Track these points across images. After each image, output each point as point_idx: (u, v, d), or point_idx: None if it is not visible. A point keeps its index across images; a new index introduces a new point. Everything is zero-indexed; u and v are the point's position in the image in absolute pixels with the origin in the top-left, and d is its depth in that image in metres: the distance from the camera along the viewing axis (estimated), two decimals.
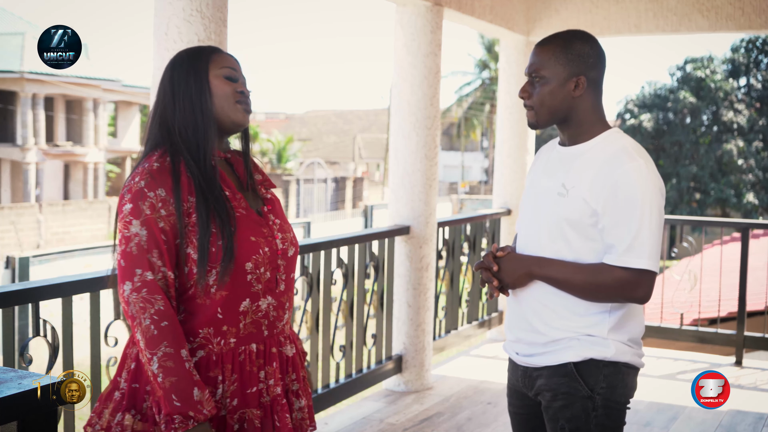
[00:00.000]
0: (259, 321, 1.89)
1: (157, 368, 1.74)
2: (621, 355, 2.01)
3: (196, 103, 1.90)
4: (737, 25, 5.34)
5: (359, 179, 31.35)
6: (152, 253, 1.79)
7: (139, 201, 1.81)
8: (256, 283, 1.88)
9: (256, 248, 1.88)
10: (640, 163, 1.94)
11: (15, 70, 25.94)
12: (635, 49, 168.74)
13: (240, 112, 1.94)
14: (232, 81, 1.94)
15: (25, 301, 2.59)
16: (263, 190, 2.02)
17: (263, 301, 1.90)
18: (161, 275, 1.80)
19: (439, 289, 5.17)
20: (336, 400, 4.17)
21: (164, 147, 1.90)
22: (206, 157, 1.88)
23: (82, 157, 28.77)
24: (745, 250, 5.36)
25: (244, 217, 1.90)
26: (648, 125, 24.56)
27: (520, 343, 2.10)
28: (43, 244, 21.10)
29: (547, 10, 5.80)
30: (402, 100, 4.58)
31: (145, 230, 1.80)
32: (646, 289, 1.95)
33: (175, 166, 1.85)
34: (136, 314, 1.77)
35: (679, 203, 24.49)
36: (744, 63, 25.37)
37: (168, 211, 1.82)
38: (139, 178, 1.83)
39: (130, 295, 1.78)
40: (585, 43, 2.02)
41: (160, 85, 1.96)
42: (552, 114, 2.03)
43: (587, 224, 1.96)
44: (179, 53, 1.99)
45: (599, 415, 2.01)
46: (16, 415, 1.26)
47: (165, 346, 1.75)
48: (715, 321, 6.28)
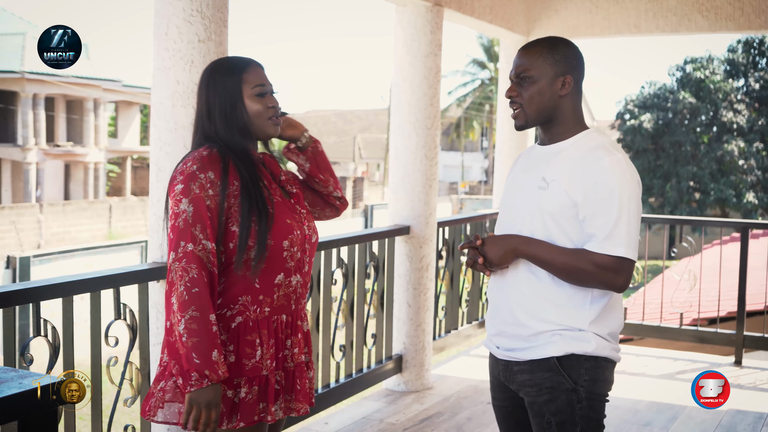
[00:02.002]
0: (289, 295, 2.13)
1: (183, 329, 1.94)
2: (601, 349, 2.07)
3: (232, 120, 2.12)
4: (737, 26, 5.34)
5: (359, 179, 31.36)
6: (196, 227, 1.99)
7: (190, 182, 2.02)
8: (290, 260, 2.12)
9: (291, 229, 2.12)
10: (618, 156, 2.03)
11: (15, 70, 25.96)
12: (635, 49, 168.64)
13: (272, 126, 2.17)
14: (263, 97, 2.15)
15: (25, 301, 2.59)
16: (288, 186, 2.25)
17: (294, 277, 2.14)
18: (201, 247, 1.99)
19: (439, 289, 5.18)
20: (336, 399, 4.17)
21: (210, 143, 2.12)
22: (248, 154, 2.13)
23: (83, 157, 28.77)
24: (744, 250, 5.36)
25: (280, 203, 2.14)
26: (648, 125, 24.54)
27: (502, 337, 2.14)
28: (44, 244, 21.12)
29: (547, 11, 5.80)
30: (402, 100, 4.59)
31: (192, 207, 2.00)
32: (625, 277, 2.02)
33: (222, 155, 2.08)
34: (175, 280, 1.98)
35: (679, 203, 24.47)
36: (743, 63, 25.36)
37: (215, 191, 2.03)
38: (191, 163, 2.05)
39: (173, 264, 1.99)
40: (568, 47, 2.12)
41: (197, 100, 2.18)
42: (539, 112, 2.11)
43: (568, 215, 2.03)
44: (212, 69, 2.18)
45: (584, 407, 2.07)
46: (16, 415, 1.27)
47: (192, 310, 1.95)
48: (714, 321, 6.28)
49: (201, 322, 1.94)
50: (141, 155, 32.51)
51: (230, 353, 2.05)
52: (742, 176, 24.13)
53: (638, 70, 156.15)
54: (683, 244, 5.85)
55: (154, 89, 2.97)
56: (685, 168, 24.25)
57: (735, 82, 25.34)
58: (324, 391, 4.05)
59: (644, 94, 25.74)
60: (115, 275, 2.86)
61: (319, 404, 4.01)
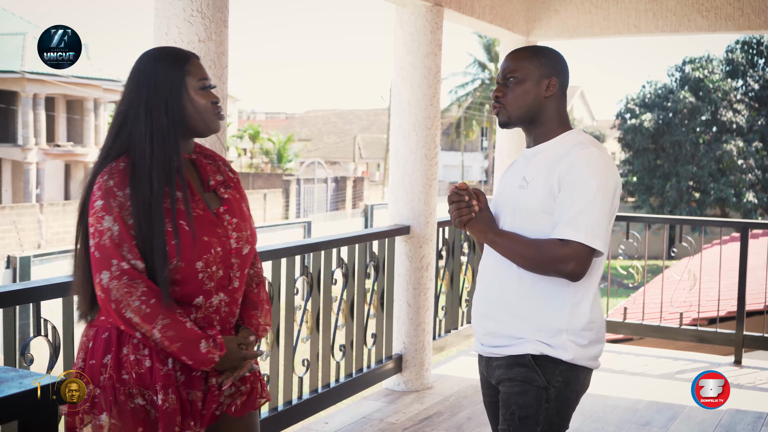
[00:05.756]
0: (210, 316, 2.02)
1: (161, 338, 1.91)
2: (578, 359, 2.10)
3: (172, 114, 1.99)
4: (736, 26, 5.34)
5: (359, 179, 31.35)
6: (123, 247, 1.91)
7: (109, 198, 1.92)
8: (208, 280, 2.00)
9: (208, 248, 1.99)
10: (592, 150, 2.07)
11: (16, 70, 25.94)
12: (635, 49, 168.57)
13: (217, 121, 2.07)
14: (206, 90, 2.04)
15: (26, 301, 2.59)
16: (222, 189, 2.10)
17: (215, 297, 2.02)
18: (133, 265, 1.92)
19: (439, 288, 5.18)
20: (336, 399, 4.18)
21: (126, 152, 1.98)
22: (171, 164, 1.97)
23: (83, 157, 28.77)
24: (744, 249, 5.36)
25: (200, 217, 2.01)
26: (648, 125, 24.54)
27: (486, 335, 2.19)
28: (44, 244, 21.10)
29: (547, 11, 5.81)
30: (402, 100, 4.59)
31: (117, 225, 1.91)
32: (577, 264, 2.01)
33: (136, 170, 1.95)
34: (122, 298, 1.89)
35: (678, 203, 24.48)
36: (741, 63, 25.35)
37: (132, 210, 1.93)
38: (108, 177, 1.94)
39: (110, 283, 1.90)
40: (553, 52, 2.20)
41: (127, 92, 2.02)
42: (523, 111, 2.15)
43: (546, 212, 2.07)
44: (152, 58, 2.04)
45: (551, 408, 2.09)
46: (16, 415, 1.27)
47: (161, 319, 1.90)
48: (714, 321, 6.27)
49: (175, 326, 1.91)
50: None
51: (145, 357, 1.94)
52: (741, 176, 24.13)
53: (638, 70, 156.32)
54: (683, 243, 5.85)
55: None
56: (684, 168, 24.25)
57: (734, 82, 25.33)
58: (324, 390, 4.05)
59: (644, 93, 25.73)
60: None
61: (319, 404, 4.02)
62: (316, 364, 3.99)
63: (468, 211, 2.16)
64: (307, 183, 27.96)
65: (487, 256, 2.22)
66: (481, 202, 2.19)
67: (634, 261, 6.15)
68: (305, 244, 3.90)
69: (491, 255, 2.20)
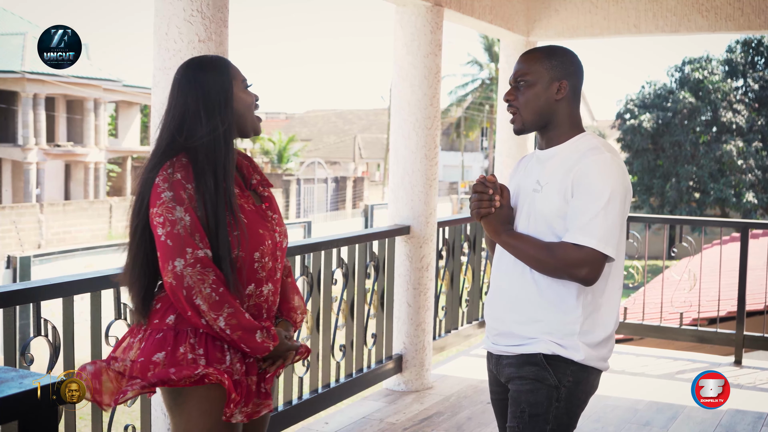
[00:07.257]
0: (260, 304, 2.14)
1: (224, 325, 2.00)
2: (588, 360, 2.11)
3: (229, 114, 2.10)
4: (736, 26, 5.34)
5: (359, 179, 31.37)
6: (195, 236, 2.01)
7: (180, 190, 2.02)
8: (261, 270, 2.12)
9: (263, 240, 2.12)
10: (606, 156, 2.07)
11: (16, 70, 25.95)
12: (635, 49, 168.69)
13: (258, 123, 2.19)
14: (249, 89, 2.17)
15: (26, 301, 2.60)
16: (261, 188, 2.24)
17: (266, 287, 2.14)
18: (205, 253, 2.01)
19: (439, 288, 5.18)
20: (336, 399, 4.18)
21: (183, 151, 2.08)
22: (229, 162, 2.09)
23: (83, 157, 28.78)
24: (744, 249, 5.36)
25: (252, 212, 2.14)
26: (648, 125, 24.53)
27: (497, 335, 2.20)
28: (44, 244, 21.11)
29: (547, 11, 5.81)
30: (402, 100, 4.59)
31: (188, 216, 2.01)
32: (590, 270, 2.02)
33: (198, 165, 2.06)
34: (194, 284, 1.98)
35: (678, 203, 24.47)
36: (741, 64, 25.35)
37: (197, 204, 2.03)
38: (173, 171, 2.04)
39: (184, 270, 1.99)
40: (566, 54, 2.18)
41: (175, 100, 2.11)
42: (536, 116, 2.15)
43: (560, 217, 2.07)
44: (196, 66, 2.14)
45: (560, 407, 2.11)
46: (16, 415, 1.27)
47: (227, 308, 2.00)
48: (714, 321, 6.28)
49: (238, 316, 2.01)
50: (141, 155, 32.50)
51: (200, 357, 2.02)
52: (741, 176, 24.13)
53: (638, 70, 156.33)
54: (683, 243, 5.85)
55: (154, 89, 2.97)
56: (684, 168, 24.25)
57: (734, 83, 25.33)
58: (324, 390, 4.05)
59: (644, 93, 25.73)
60: (115, 275, 2.86)
61: (319, 404, 4.02)
62: (316, 364, 3.99)
63: (488, 205, 2.16)
64: (307, 183, 27.97)
65: (502, 257, 2.22)
66: (504, 199, 2.19)
67: (635, 261, 6.15)
68: (305, 244, 3.90)
69: (505, 257, 2.19)
